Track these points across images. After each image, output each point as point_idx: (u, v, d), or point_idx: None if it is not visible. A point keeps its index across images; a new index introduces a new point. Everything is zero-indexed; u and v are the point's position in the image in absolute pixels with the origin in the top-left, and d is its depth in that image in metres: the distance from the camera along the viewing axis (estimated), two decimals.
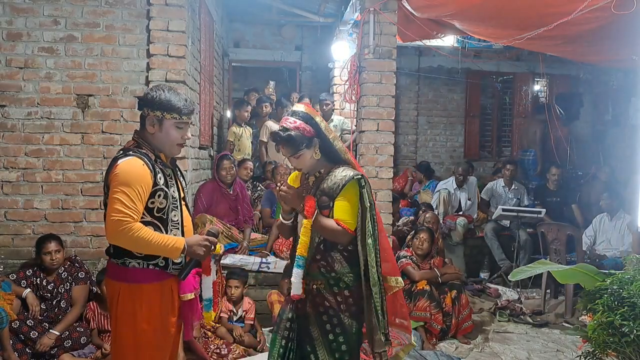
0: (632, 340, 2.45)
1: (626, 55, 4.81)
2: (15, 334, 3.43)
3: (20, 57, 3.97)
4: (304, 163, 2.31)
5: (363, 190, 2.25)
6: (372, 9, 4.43)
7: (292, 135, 2.24)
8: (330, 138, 2.31)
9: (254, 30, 7.80)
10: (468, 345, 4.14)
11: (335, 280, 2.29)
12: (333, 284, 2.29)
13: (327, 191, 2.26)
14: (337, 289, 2.29)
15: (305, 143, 2.26)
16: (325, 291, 2.29)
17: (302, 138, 2.25)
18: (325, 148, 2.32)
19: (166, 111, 2.13)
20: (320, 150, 2.31)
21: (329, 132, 2.31)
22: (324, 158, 2.34)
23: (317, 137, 2.28)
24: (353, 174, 2.26)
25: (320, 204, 2.25)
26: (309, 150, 2.28)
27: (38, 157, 4.03)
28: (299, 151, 2.26)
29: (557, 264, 4.11)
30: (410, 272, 4.38)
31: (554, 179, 6.33)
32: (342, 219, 2.23)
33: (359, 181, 2.25)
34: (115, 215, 1.99)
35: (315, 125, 2.28)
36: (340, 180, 2.24)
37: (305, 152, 2.28)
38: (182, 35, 3.96)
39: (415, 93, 8.27)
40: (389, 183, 4.59)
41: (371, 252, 2.25)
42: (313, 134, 2.27)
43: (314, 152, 2.29)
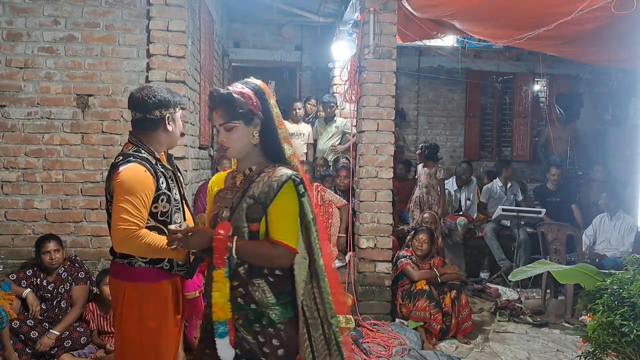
0: (632, 340, 2.45)
1: (626, 56, 4.81)
2: (16, 334, 3.43)
3: (20, 57, 3.97)
4: (235, 142, 1.85)
5: (303, 199, 1.80)
6: (372, 9, 4.44)
7: (232, 96, 1.82)
8: (278, 129, 1.89)
9: (254, 30, 7.80)
10: (468, 345, 4.14)
11: (257, 314, 1.80)
12: (253, 319, 1.80)
13: (257, 197, 1.79)
14: (258, 327, 1.80)
15: (245, 114, 1.83)
16: (244, 329, 1.80)
17: (244, 106, 1.82)
18: (267, 137, 1.88)
19: (175, 105, 2.20)
20: (262, 138, 1.87)
21: (279, 122, 1.90)
22: (262, 150, 1.89)
23: (261, 118, 1.87)
24: (290, 174, 1.80)
25: (248, 215, 1.79)
26: (246, 128, 1.84)
27: (38, 157, 4.03)
28: (233, 120, 1.82)
29: (557, 264, 4.11)
30: (410, 272, 4.39)
31: (554, 179, 6.34)
32: (281, 236, 1.77)
33: (296, 184, 1.79)
34: (121, 225, 2.00)
35: (265, 103, 1.87)
36: (276, 182, 1.78)
37: (241, 126, 1.83)
38: (182, 35, 3.97)
39: (415, 93, 8.27)
40: (389, 183, 4.59)
41: (324, 277, 1.86)
42: (258, 111, 1.86)
43: (252, 134, 1.85)
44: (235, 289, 1.80)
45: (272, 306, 1.79)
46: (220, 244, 1.75)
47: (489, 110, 8.71)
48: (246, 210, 1.79)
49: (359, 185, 4.61)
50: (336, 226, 4.81)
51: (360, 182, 4.59)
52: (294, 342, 1.82)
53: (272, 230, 1.78)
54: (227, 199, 1.87)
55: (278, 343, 1.79)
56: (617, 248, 5.28)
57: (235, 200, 1.84)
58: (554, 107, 7.92)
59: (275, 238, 1.77)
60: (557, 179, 6.34)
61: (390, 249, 4.61)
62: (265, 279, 1.80)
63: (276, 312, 1.80)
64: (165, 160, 2.25)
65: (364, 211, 4.56)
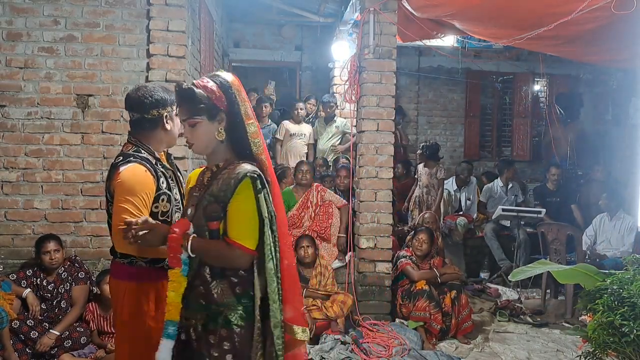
0: (632, 340, 2.45)
1: (626, 55, 4.81)
2: (16, 334, 3.43)
3: (20, 57, 3.97)
4: (199, 138, 1.79)
5: (260, 195, 1.71)
6: (372, 9, 4.44)
7: (193, 91, 1.75)
8: (247, 124, 1.80)
9: (254, 30, 7.80)
10: (468, 345, 4.14)
11: (214, 314, 1.73)
12: (211, 320, 1.74)
13: (217, 194, 1.73)
14: (212, 326, 1.73)
15: (208, 110, 1.76)
16: (202, 330, 1.74)
17: (206, 101, 1.75)
18: (234, 133, 1.80)
19: (173, 104, 2.18)
20: (228, 134, 1.80)
21: (247, 118, 1.80)
22: (230, 146, 1.82)
23: (227, 113, 1.78)
24: (247, 170, 1.72)
25: (206, 213, 1.73)
26: (210, 124, 1.77)
27: (38, 157, 4.03)
28: (195, 116, 1.76)
29: (557, 264, 4.11)
30: (410, 272, 4.39)
31: (554, 179, 6.34)
32: (236, 236, 1.70)
33: (254, 181, 1.71)
34: (122, 225, 1.99)
35: (231, 98, 1.78)
36: (233, 179, 1.71)
37: (204, 122, 1.77)
38: (182, 35, 3.97)
39: (415, 93, 8.27)
40: (389, 183, 4.59)
41: (272, 281, 1.73)
42: (223, 106, 1.77)
43: (217, 130, 1.78)
44: (196, 288, 1.76)
45: (232, 307, 1.72)
46: (173, 242, 1.72)
47: (489, 110, 8.71)
48: (205, 209, 1.74)
49: (359, 185, 4.61)
50: (336, 226, 4.81)
51: (360, 182, 4.59)
52: (247, 349, 1.72)
53: (229, 229, 1.72)
54: (194, 197, 1.84)
55: (228, 347, 1.70)
56: (617, 248, 5.28)
57: (199, 198, 1.80)
58: (554, 107, 7.92)
59: (230, 238, 1.71)
60: (557, 179, 6.34)
61: (390, 249, 4.61)
62: (227, 280, 1.74)
63: (235, 314, 1.72)
64: (165, 160, 2.25)
65: (364, 211, 4.56)
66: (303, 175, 4.87)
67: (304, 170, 4.89)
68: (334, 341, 3.84)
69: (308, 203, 4.85)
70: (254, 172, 1.72)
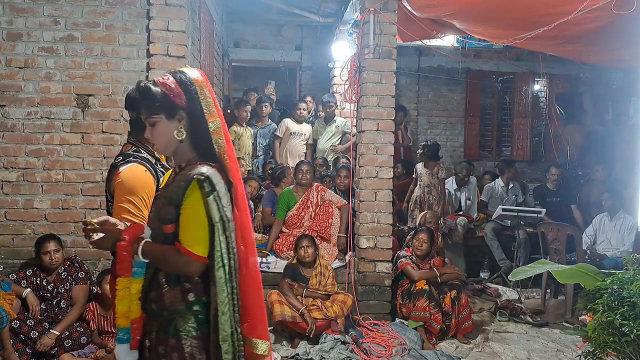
0: (632, 340, 2.45)
1: (626, 55, 4.81)
2: (16, 334, 3.43)
3: (20, 57, 3.98)
4: (158, 137, 1.72)
5: (209, 198, 1.61)
6: (372, 8, 4.43)
7: (150, 89, 1.68)
8: (209, 122, 1.69)
9: (254, 30, 7.80)
10: (468, 345, 4.14)
11: (166, 322, 1.66)
12: (162, 326, 1.67)
13: (170, 196, 1.67)
14: (163, 335, 1.66)
15: (166, 108, 1.68)
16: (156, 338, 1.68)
17: (163, 99, 1.67)
18: (195, 132, 1.71)
19: None
20: (190, 133, 1.71)
21: (210, 116, 1.70)
22: (191, 146, 1.73)
23: (187, 111, 1.70)
24: (197, 172, 1.63)
25: (161, 216, 1.69)
26: (170, 123, 1.69)
27: (38, 157, 4.03)
28: (153, 115, 1.69)
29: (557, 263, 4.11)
30: (410, 272, 4.39)
31: (554, 179, 6.34)
32: (185, 241, 1.62)
33: (200, 183, 1.61)
34: None
35: (192, 95, 1.68)
36: (184, 180, 1.65)
37: (162, 121, 1.69)
38: (182, 35, 3.97)
39: (415, 93, 8.27)
40: (389, 183, 4.59)
41: (222, 290, 1.62)
42: (182, 104, 1.68)
43: (177, 130, 1.69)
44: (150, 293, 1.70)
45: (182, 315, 1.64)
46: (122, 250, 1.66)
47: (489, 110, 8.72)
48: (159, 211, 1.70)
49: (359, 185, 4.61)
50: (336, 226, 4.81)
51: (360, 182, 4.59)
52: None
53: (179, 234, 1.64)
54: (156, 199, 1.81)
55: (176, 358, 1.62)
56: (617, 248, 5.28)
57: (157, 199, 1.77)
58: (554, 107, 7.92)
59: (180, 243, 1.63)
60: (557, 179, 6.34)
61: (390, 249, 4.61)
62: (180, 286, 1.66)
63: (185, 322, 1.64)
64: (165, 160, 2.25)
65: (364, 211, 4.56)
66: (303, 175, 4.87)
67: (304, 170, 4.89)
68: (334, 341, 3.84)
69: (308, 203, 4.85)
70: (202, 175, 1.62)
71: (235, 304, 1.65)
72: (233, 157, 1.75)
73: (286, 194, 4.89)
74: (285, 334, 4.07)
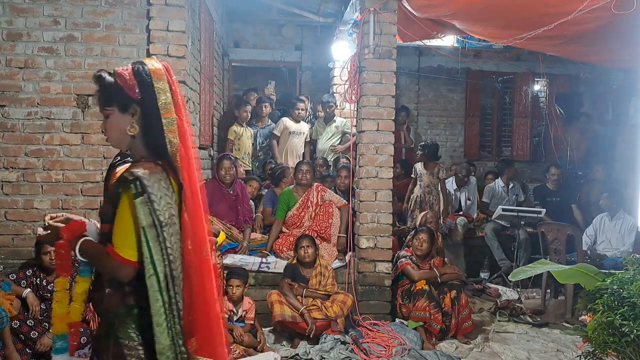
0: (632, 340, 2.45)
1: (626, 55, 4.81)
2: (16, 334, 3.43)
3: (20, 57, 3.98)
4: (110, 131, 1.62)
5: (136, 200, 1.50)
6: (372, 8, 4.43)
7: (103, 79, 1.59)
8: (163, 119, 1.59)
9: (254, 30, 7.80)
10: (468, 345, 4.14)
11: (107, 327, 1.58)
12: (104, 332, 1.59)
13: (111, 195, 1.60)
14: (104, 342, 1.57)
15: (119, 100, 1.59)
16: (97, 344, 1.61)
17: (116, 91, 1.57)
18: (148, 128, 1.60)
19: None
20: (142, 129, 1.61)
21: (166, 111, 1.59)
22: (144, 143, 1.63)
23: (141, 105, 1.59)
24: (129, 172, 1.53)
25: (100, 214, 1.63)
26: (122, 117, 1.59)
27: (38, 157, 4.03)
28: (107, 107, 1.60)
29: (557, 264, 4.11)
30: (410, 272, 4.39)
31: (554, 179, 6.34)
32: (115, 243, 1.53)
33: (128, 185, 1.51)
34: None
35: (147, 87, 1.58)
36: (118, 180, 1.58)
37: (115, 114, 1.60)
38: (182, 35, 3.97)
39: (415, 93, 8.28)
40: (389, 183, 4.59)
41: (156, 300, 1.49)
42: (136, 96, 1.58)
43: (130, 125, 1.59)
44: (93, 295, 1.63)
45: (122, 320, 1.54)
46: (59, 248, 1.61)
47: (489, 110, 8.72)
48: (100, 209, 1.64)
49: (359, 185, 4.61)
50: (336, 226, 4.81)
51: (360, 182, 4.59)
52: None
53: (112, 234, 1.55)
54: None
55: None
56: (617, 248, 5.28)
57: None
58: (554, 107, 7.92)
59: (111, 244, 1.54)
60: (557, 178, 6.34)
61: (390, 249, 4.61)
62: (121, 289, 1.56)
63: (124, 328, 1.53)
64: None
65: (364, 211, 4.56)
66: (303, 175, 4.87)
67: (304, 170, 4.88)
68: (334, 341, 3.84)
69: (308, 203, 4.85)
70: (131, 175, 1.51)
71: (175, 315, 1.52)
72: (188, 157, 1.63)
73: (286, 194, 4.89)
74: (285, 334, 4.07)
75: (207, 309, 1.59)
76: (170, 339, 1.50)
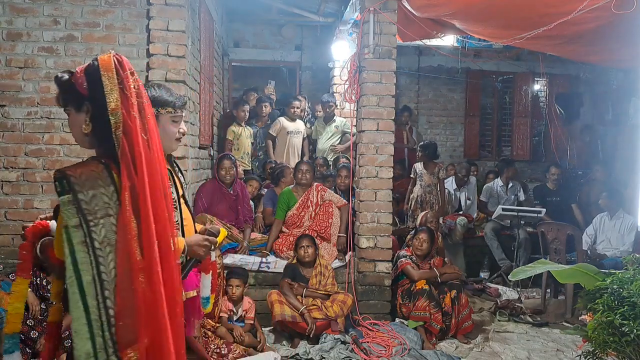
0: (632, 340, 2.45)
1: (626, 55, 4.81)
2: None
3: (20, 57, 3.97)
4: (72, 132, 1.60)
5: (61, 198, 1.43)
6: (372, 8, 4.43)
7: (58, 79, 1.57)
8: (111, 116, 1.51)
9: (254, 30, 7.80)
10: (468, 345, 4.14)
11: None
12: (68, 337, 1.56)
13: None
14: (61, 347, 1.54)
15: (73, 100, 1.56)
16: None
17: (71, 89, 1.54)
18: (97, 126, 1.55)
19: (160, 106, 2.10)
20: (93, 126, 1.55)
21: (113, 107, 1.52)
22: (96, 141, 1.58)
23: (90, 101, 1.54)
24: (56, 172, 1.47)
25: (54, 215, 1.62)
26: (78, 116, 1.56)
27: (38, 157, 4.03)
28: (66, 108, 1.59)
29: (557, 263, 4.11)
30: (410, 272, 4.39)
31: (554, 179, 6.34)
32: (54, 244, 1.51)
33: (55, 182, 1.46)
34: None
35: (95, 83, 1.52)
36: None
37: (72, 113, 1.58)
38: (182, 35, 3.96)
39: (415, 93, 8.28)
40: (389, 183, 4.59)
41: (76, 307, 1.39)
42: (86, 93, 1.53)
43: (84, 123, 1.55)
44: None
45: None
46: (21, 249, 1.58)
47: (489, 109, 8.72)
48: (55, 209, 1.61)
49: (359, 185, 4.61)
50: (336, 226, 4.81)
51: (360, 182, 4.59)
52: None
53: None
54: None
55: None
56: (617, 248, 5.28)
57: None
58: (554, 107, 7.92)
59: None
60: (557, 178, 6.34)
61: (390, 248, 4.61)
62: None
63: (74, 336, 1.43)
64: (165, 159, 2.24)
65: (364, 211, 4.56)
66: (303, 175, 4.87)
67: (304, 170, 4.88)
68: (334, 341, 3.84)
69: (308, 203, 4.85)
70: (59, 173, 1.45)
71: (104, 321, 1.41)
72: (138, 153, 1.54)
73: (286, 193, 4.89)
74: (285, 333, 4.07)
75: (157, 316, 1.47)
76: (92, 348, 1.39)
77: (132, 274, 1.44)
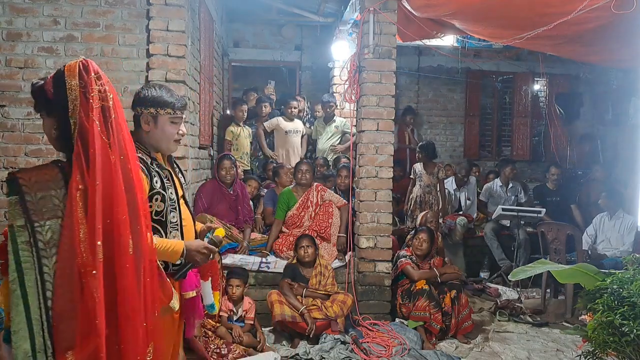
0: (632, 340, 2.45)
1: (626, 55, 4.81)
2: None
3: (20, 57, 3.97)
4: (47, 136, 1.66)
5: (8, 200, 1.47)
6: (372, 8, 4.43)
7: (33, 86, 1.66)
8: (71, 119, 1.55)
9: (254, 30, 7.80)
10: (468, 345, 4.14)
11: None
12: None
13: None
14: None
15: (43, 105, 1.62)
16: None
17: (40, 94, 1.61)
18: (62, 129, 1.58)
19: (160, 107, 2.11)
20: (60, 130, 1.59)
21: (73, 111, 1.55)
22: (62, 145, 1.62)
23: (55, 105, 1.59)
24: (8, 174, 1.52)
25: None
26: (48, 120, 1.62)
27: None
28: (39, 113, 1.66)
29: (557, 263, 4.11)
30: (410, 272, 4.39)
31: (554, 179, 6.34)
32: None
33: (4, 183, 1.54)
34: None
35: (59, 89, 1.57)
36: None
37: (45, 118, 1.63)
38: (182, 35, 3.96)
39: (415, 93, 8.28)
40: (389, 183, 4.59)
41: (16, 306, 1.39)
42: (52, 98, 1.59)
43: (53, 127, 1.60)
44: None
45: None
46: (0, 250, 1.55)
47: (489, 109, 8.72)
48: None
49: (359, 185, 4.61)
50: (336, 226, 4.81)
51: (360, 182, 4.59)
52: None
53: None
54: None
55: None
56: (617, 247, 5.28)
57: None
58: (554, 107, 7.92)
59: None
60: (557, 178, 6.34)
61: (390, 248, 4.61)
62: None
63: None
64: (162, 160, 2.23)
65: (364, 211, 4.56)
66: (302, 175, 4.87)
67: (304, 170, 4.88)
68: (334, 341, 3.84)
69: (308, 203, 4.85)
70: (9, 175, 1.49)
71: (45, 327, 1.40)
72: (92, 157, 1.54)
73: (286, 194, 4.89)
74: (285, 334, 4.07)
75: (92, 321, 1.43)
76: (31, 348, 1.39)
77: (75, 276, 1.42)
